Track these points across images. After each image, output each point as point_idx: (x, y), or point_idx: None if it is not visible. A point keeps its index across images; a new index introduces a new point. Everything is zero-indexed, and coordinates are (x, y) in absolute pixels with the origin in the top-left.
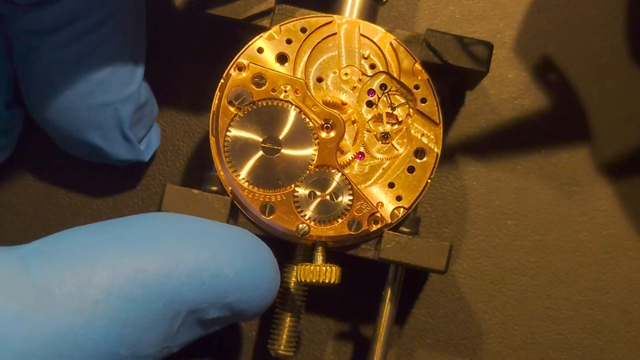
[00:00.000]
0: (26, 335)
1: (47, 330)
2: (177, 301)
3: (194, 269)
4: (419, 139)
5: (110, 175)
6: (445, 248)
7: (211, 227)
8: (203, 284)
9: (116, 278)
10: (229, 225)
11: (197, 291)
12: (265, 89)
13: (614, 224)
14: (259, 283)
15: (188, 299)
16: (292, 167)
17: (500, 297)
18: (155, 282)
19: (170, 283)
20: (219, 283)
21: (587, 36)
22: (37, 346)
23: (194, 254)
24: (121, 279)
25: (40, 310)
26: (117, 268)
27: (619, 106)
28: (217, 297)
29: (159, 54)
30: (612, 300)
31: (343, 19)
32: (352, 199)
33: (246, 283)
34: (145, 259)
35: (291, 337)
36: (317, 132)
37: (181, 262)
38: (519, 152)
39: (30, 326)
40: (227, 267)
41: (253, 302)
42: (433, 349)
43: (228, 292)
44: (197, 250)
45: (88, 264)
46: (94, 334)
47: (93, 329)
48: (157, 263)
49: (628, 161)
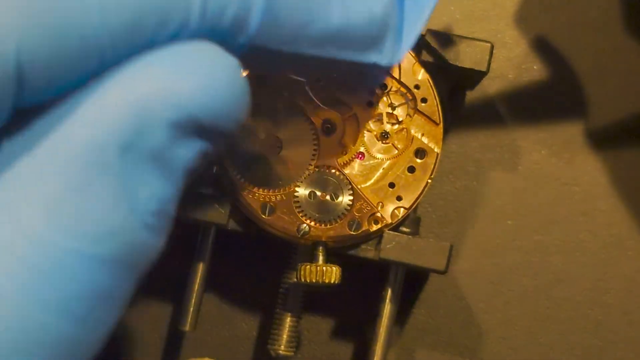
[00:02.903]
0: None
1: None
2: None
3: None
4: (419, 139)
5: None
6: (445, 248)
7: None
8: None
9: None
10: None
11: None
12: (266, 89)
13: (614, 224)
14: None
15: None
16: (292, 167)
17: (500, 297)
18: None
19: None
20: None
21: (588, 36)
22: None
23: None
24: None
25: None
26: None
27: (622, 106)
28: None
29: None
30: (612, 300)
31: None
32: (352, 199)
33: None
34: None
35: (291, 337)
36: (317, 132)
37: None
38: (519, 152)
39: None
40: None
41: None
42: (433, 349)
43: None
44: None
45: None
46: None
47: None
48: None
49: (628, 162)
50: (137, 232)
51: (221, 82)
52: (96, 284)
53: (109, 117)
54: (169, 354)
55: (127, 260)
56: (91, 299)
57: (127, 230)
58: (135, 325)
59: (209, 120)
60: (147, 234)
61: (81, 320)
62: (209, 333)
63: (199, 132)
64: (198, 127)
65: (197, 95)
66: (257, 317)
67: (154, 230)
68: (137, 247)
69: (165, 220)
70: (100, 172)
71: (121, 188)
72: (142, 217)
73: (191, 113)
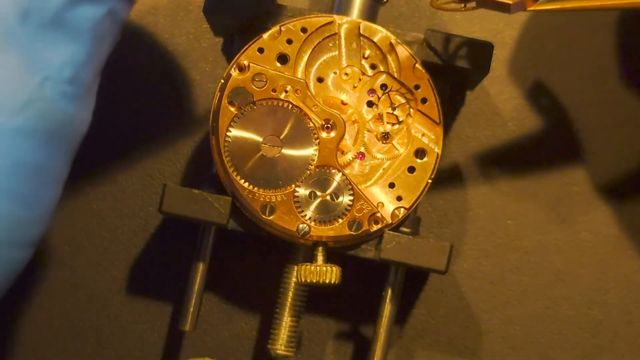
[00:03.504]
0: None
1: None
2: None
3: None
4: (419, 139)
5: (110, 175)
6: (445, 248)
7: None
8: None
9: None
10: None
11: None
12: (266, 89)
13: (614, 224)
14: None
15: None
16: (292, 167)
17: (500, 297)
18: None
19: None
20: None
21: (588, 36)
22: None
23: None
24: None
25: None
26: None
27: (621, 107)
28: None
29: (159, 55)
30: (612, 300)
31: (343, 19)
32: (353, 199)
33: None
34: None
35: (291, 337)
36: (317, 132)
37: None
38: (519, 151)
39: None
40: None
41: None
42: (433, 349)
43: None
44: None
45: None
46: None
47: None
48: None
49: (629, 162)
50: (53, 101)
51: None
52: (20, 156)
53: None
54: (169, 354)
55: (48, 130)
56: (18, 173)
57: (42, 99)
58: (135, 325)
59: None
60: (64, 103)
61: (14, 195)
62: (209, 333)
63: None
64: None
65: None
66: (257, 317)
67: (71, 98)
68: (56, 117)
69: (82, 87)
70: (4, 42)
71: (29, 57)
72: (56, 85)
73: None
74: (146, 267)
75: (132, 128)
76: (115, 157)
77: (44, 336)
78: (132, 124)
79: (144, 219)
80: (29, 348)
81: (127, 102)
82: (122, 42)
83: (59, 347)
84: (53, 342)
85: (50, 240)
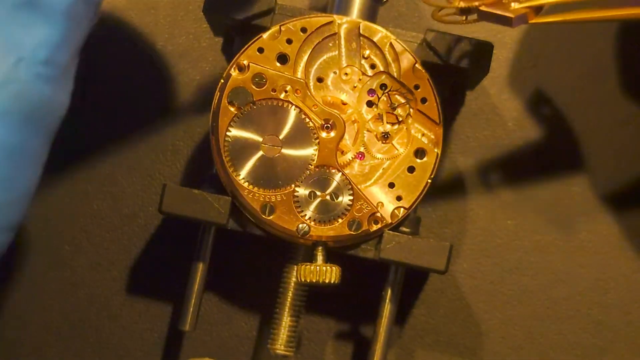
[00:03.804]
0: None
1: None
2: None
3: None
4: (419, 139)
5: (110, 175)
6: (445, 248)
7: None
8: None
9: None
10: None
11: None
12: (266, 89)
13: (614, 224)
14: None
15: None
16: (292, 167)
17: (500, 297)
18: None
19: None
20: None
21: (588, 36)
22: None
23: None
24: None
25: None
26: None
27: (621, 107)
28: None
29: (159, 54)
30: (612, 300)
31: (343, 19)
32: (352, 199)
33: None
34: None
35: (291, 337)
36: (317, 132)
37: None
38: (519, 151)
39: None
40: None
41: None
42: (433, 349)
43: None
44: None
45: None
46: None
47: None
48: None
49: (629, 163)
50: (28, 82)
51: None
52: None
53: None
54: (169, 354)
55: (24, 111)
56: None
57: (17, 80)
58: (135, 325)
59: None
60: (40, 84)
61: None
62: (209, 333)
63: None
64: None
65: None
66: (257, 317)
67: (47, 80)
68: (31, 98)
69: (58, 69)
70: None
71: (2, 38)
72: (31, 66)
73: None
74: (146, 267)
75: (132, 128)
76: (115, 157)
77: (44, 336)
78: (132, 123)
79: (144, 219)
80: (29, 348)
81: (126, 102)
82: (122, 42)
83: (59, 347)
84: (53, 342)
85: (51, 240)
